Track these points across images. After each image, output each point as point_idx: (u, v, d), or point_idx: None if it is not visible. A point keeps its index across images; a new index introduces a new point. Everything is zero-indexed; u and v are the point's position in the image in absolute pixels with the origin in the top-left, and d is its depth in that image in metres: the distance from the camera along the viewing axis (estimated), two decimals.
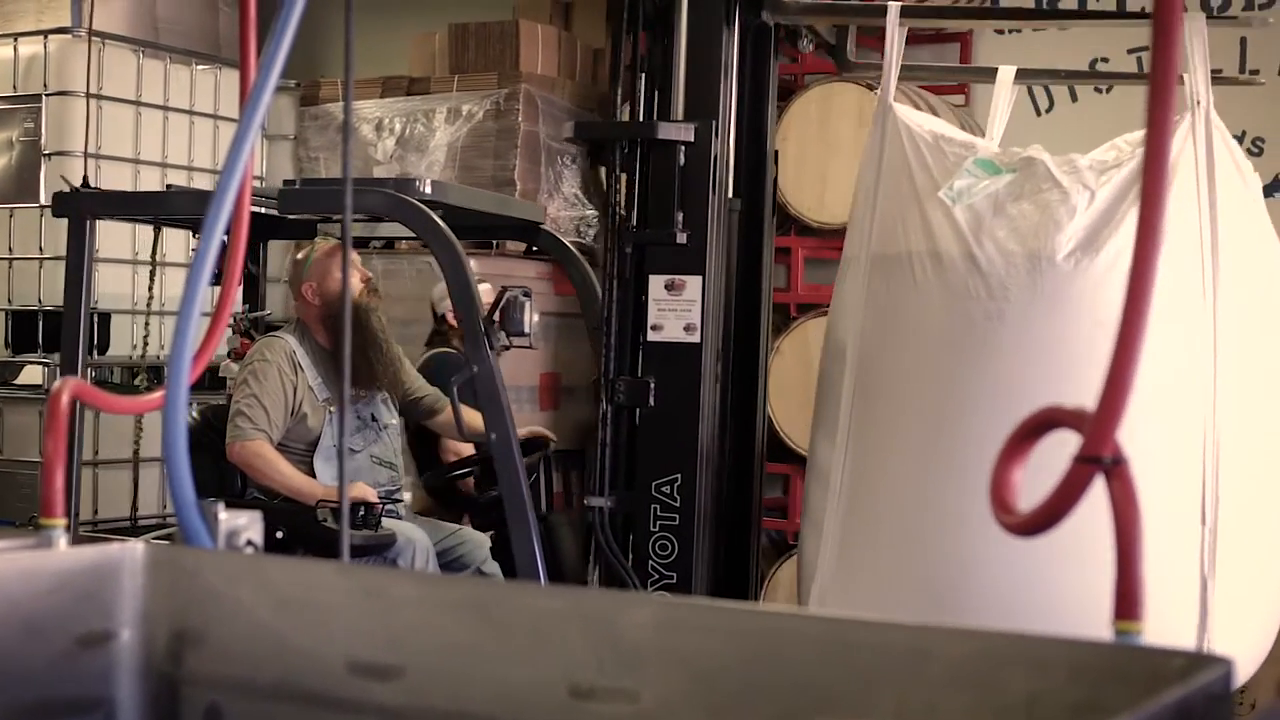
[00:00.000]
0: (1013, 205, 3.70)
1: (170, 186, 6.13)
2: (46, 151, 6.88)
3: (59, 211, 4.80)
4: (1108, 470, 1.28)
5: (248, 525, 1.58)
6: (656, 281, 4.25)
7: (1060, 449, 1.33)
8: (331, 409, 4.73)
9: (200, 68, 7.41)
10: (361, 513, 4.44)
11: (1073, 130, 6.14)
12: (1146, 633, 1.25)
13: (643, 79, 4.36)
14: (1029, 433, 1.39)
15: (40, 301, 6.90)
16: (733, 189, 4.44)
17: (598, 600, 1.50)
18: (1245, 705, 5.19)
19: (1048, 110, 6.79)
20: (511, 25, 7.22)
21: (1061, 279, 3.58)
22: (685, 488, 4.21)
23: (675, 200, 4.23)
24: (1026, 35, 6.82)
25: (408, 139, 7.18)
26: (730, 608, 1.55)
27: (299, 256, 5.03)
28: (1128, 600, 1.27)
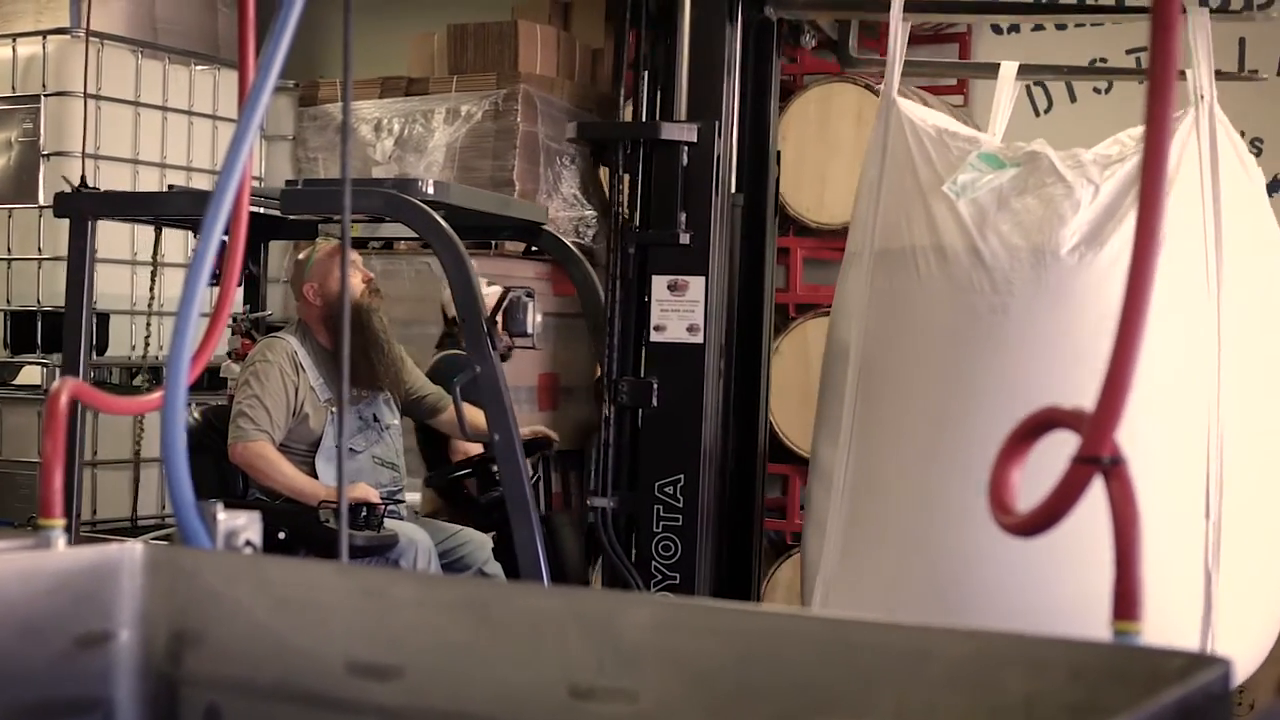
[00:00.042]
0: (1017, 199, 3.69)
1: (172, 187, 6.12)
2: (45, 152, 6.88)
3: (60, 212, 4.78)
4: (1106, 470, 1.28)
5: (246, 526, 1.58)
6: (659, 282, 4.25)
7: (1063, 448, 1.33)
8: (333, 409, 4.72)
9: (199, 68, 7.41)
10: (364, 514, 4.43)
11: (1072, 130, 6.11)
12: (1150, 627, 1.25)
13: (645, 77, 4.35)
14: (1028, 433, 1.39)
15: (39, 302, 6.90)
16: (735, 185, 4.43)
17: (597, 601, 1.50)
18: (1244, 705, 5.18)
19: (1046, 110, 6.79)
20: (510, 26, 7.21)
21: (1066, 273, 3.58)
22: (688, 488, 4.21)
23: (678, 200, 4.22)
24: (1025, 35, 6.81)
25: (406, 139, 7.18)
26: (729, 608, 1.55)
27: (300, 257, 5.02)
28: (1127, 600, 1.27)
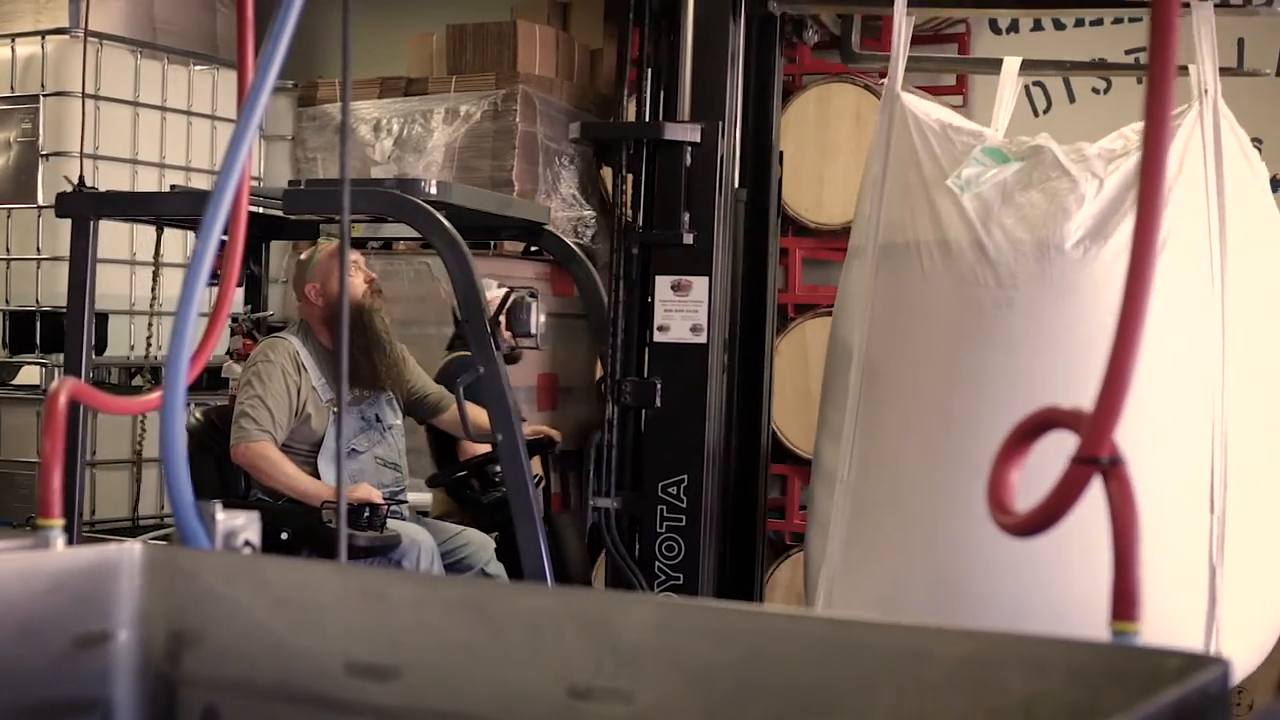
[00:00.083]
0: (1021, 194, 3.69)
1: (174, 187, 6.11)
2: (44, 152, 6.88)
3: (62, 212, 4.76)
4: (1105, 471, 1.28)
5: (245, 526, 1.58)
6: (663, 282, 4.23)
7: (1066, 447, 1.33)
8: (335, 409, 4.72)
9: (198, 68, 7.41)
10: (366, 514, 4.43)
11: (1071, 131, 6.08)
12: (1154, 622, 1.25)
13: (648, 74, 4.32)
14: (1026, 433, 1.39)
15: (38, 302, 6.89)
16: (738, 179, 4.41)
17: (595, 601, 1.50)
18: (1243, 706, 5.18)
19: (1045, 111, 6.79)
20: (509, 26, 7.21)
21: (1070, 267, 3.57)
22: (692, 489, 4.18)
23: (682, 200, 4.20)
24: (1024, 36, 6.83)
25: (405, 140, 7.18)
26: (727, 608, 1.55)
27: (302, 257, 5.01)
28: (1125, 601, 1.27)
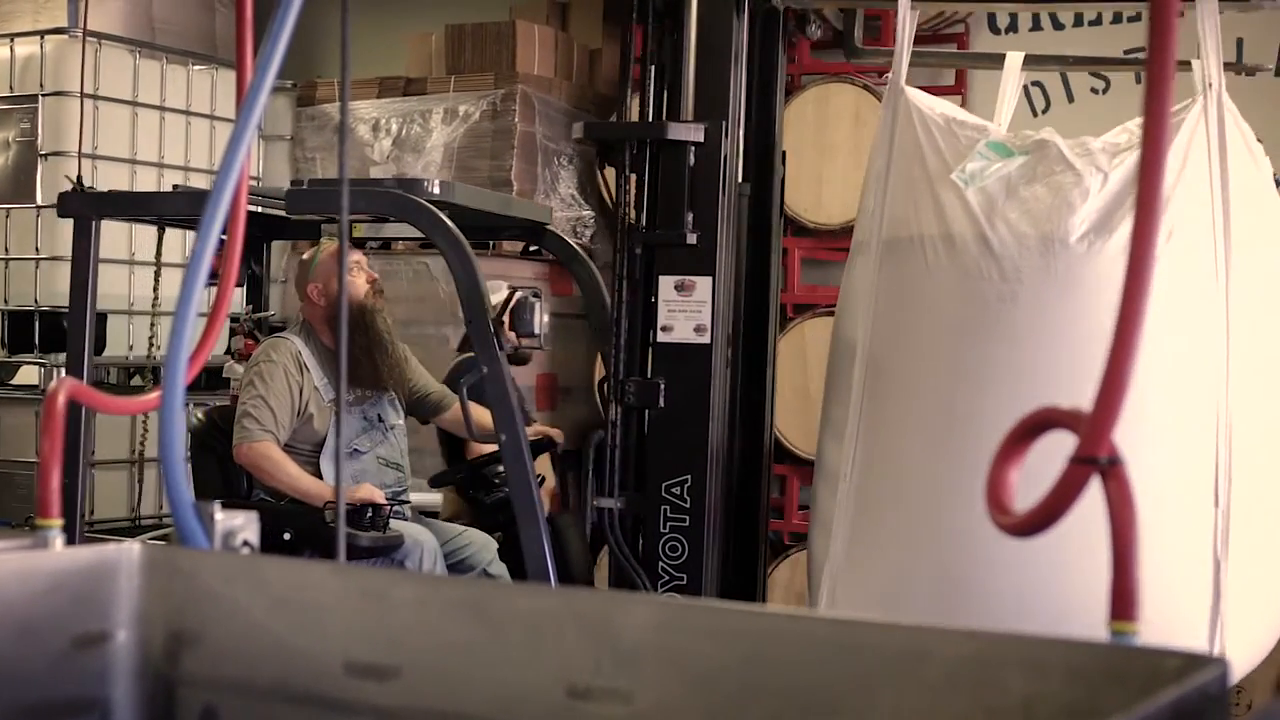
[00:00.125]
0: (1025, 188, 3.69)
1: (176, 187, 6.11)
2: (43, 152, 6.88)
3: (64, 212, 4.75)
4: (1103, 471, 1.28)
5: (244, 526, 1.58)
6: (666, 282, 4.21)
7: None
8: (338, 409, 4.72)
9: (197, 68, 7.41)
10: (369, 515, 4.43)
11: (1069, 131, 6.11)
12: (1159, 616, 1.25)
13: (651, 72, 4.31)
14: (1025, 433, 1.39)
15: (36, 302, 6.89)
16: (742, 174, 4.39)
17: (594, 601, 1.50)
18: (1242, 706, 5.18)
19: (1044, 111, 6.80)
20: (508, 26, 7.22)
21: (1075, 261, 3.57)
22: (695, 489, 4.17)
23: (685, 200, 4.19)
24: (1023, 36, 6.84)
25: (404, 139, 7.18)
26: (726, 608, 1.55)
27: (305, 257, 5.01)
28: (1124, 601, 1.27)
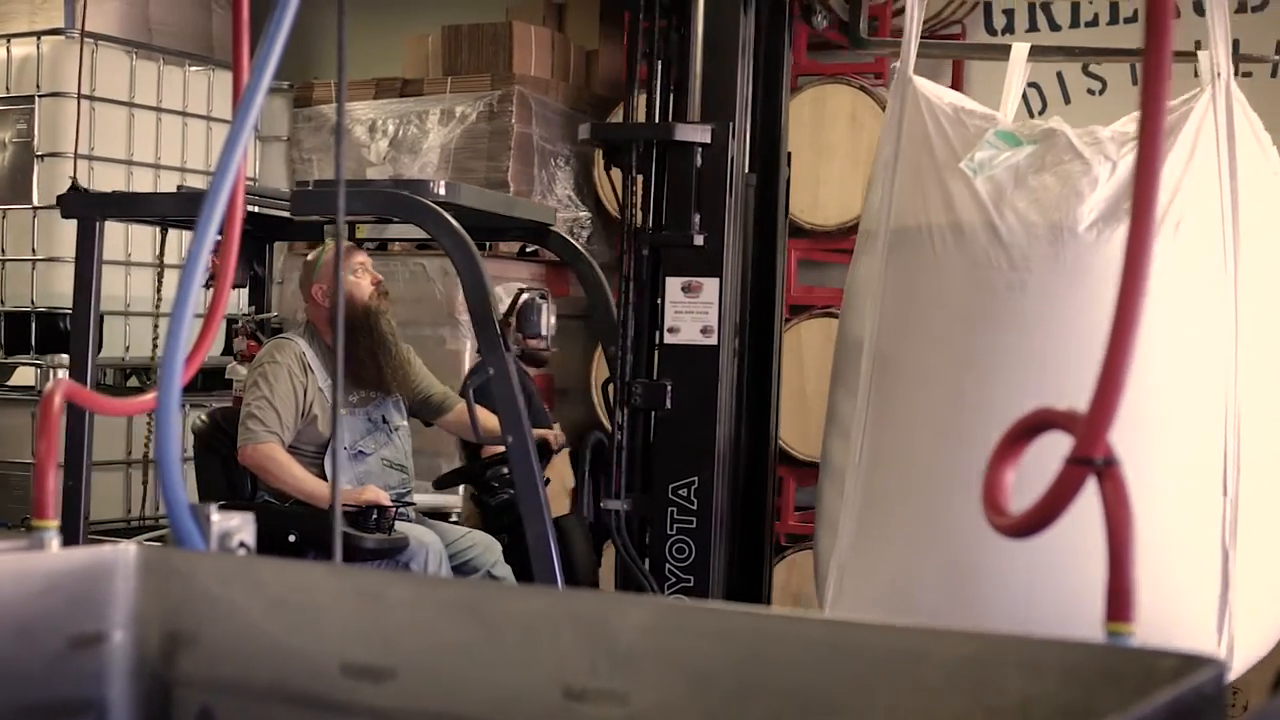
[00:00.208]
0: (1034, 177, 3.68)
1: (180, 187, 6.11)
2: (39, 153, 6.88)
3: (68, 213, 4.75)
4: (1100, 472, 1.28)
5: (240, 527, 1.58)
6: (673, 284, 4.18)
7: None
8: (342, 411, 4.72)
9: (193, 69, 7.41)
10: (374, 516, 4.43)
11: None
12: (1167, 606, 1.25)
13: (659, 68, 4.29)
14: (1021, 434, 1.39)
15: (33, 303, 6.89)
16: (748, 164, 4.36)
17: (590, 602, 1.50)
18: (1238, 706, 5.19)
19: (1040, 112, 6.81)
20: (505, 27, 7.22)
21: (1083, 250, 3.57)
22: (702, 490, 4.14)
23: (692, 201, 4.17)
24: (1019, 37, 6.86)
25: (401, 140, 7.18)
26: (723, 609, 1.55)
27: (309, 258, 5.01)
28: (1120, 601, 1.27)
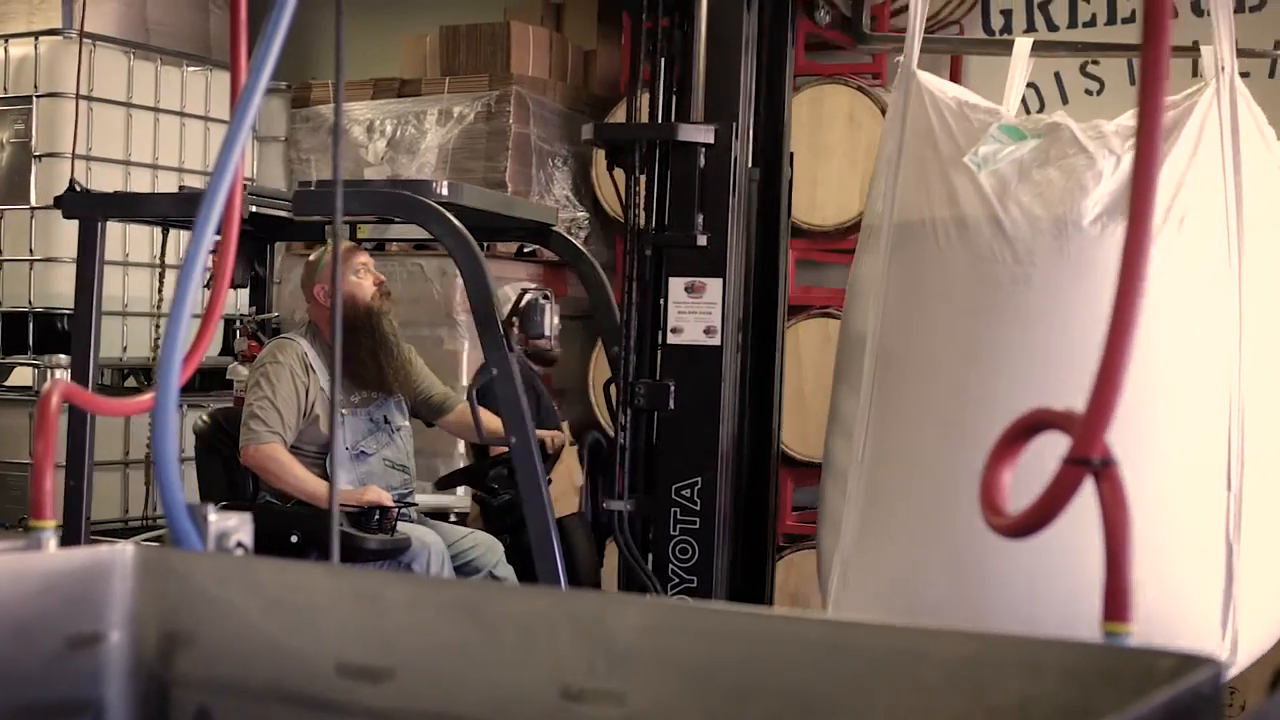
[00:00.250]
0: (1038, 171, 3.68)
1: (183, 188, 6.10)
2: (37, 153, 6.88)
3: (70, 213, 4.74)
4: (1097, 472, 1.28)
5: (238, 527, 1.58)
6: (676, 284, 4.17)
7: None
8: (344, 411, 4.72)
9: (191, 69, 7.40)
10: (377, 517, 4.43)
11: None
12: (1172, 600, 1.25)
13: (661, 66, 4.28)
14: (1018, 434, 1.39)
15: (31, 303, 6.89)
16: (751, 163, 4.34)
17: (588, 602, 1.50)
18: (1235, 706, 5.19)
19: (1039, 111, 6.81)
20: (502, 27, 7.22)
21: (1088, 244, 3.57)
22: (705, 491, 4.13)
23: (696, 202, 4.15)
24: (1018, 37, 6.86)
25: (399, 141, 7.18)
26: (722, 610, 1.55)
27: (311, 258, 5.01)
28: (1118, 601, 1.27)
